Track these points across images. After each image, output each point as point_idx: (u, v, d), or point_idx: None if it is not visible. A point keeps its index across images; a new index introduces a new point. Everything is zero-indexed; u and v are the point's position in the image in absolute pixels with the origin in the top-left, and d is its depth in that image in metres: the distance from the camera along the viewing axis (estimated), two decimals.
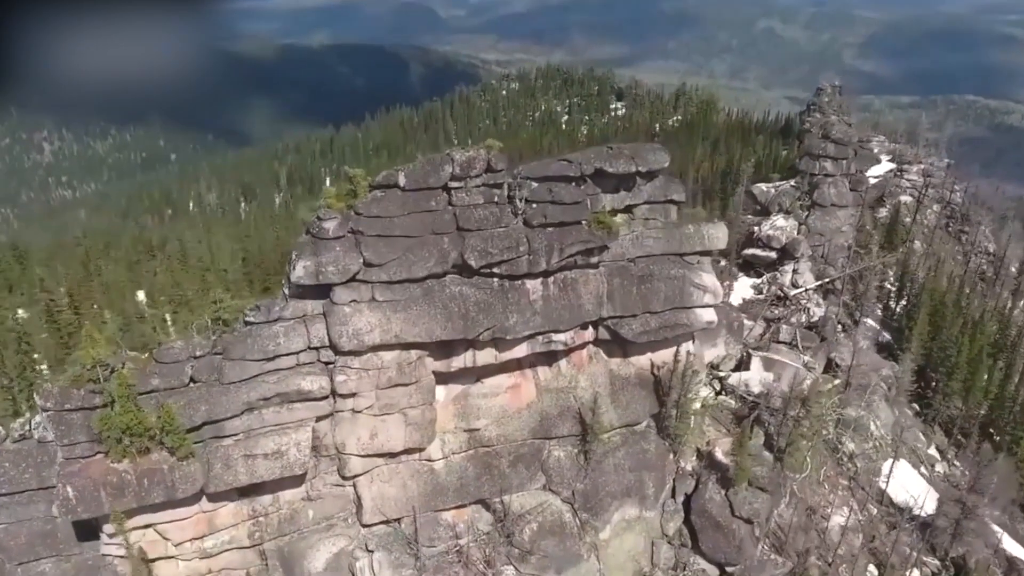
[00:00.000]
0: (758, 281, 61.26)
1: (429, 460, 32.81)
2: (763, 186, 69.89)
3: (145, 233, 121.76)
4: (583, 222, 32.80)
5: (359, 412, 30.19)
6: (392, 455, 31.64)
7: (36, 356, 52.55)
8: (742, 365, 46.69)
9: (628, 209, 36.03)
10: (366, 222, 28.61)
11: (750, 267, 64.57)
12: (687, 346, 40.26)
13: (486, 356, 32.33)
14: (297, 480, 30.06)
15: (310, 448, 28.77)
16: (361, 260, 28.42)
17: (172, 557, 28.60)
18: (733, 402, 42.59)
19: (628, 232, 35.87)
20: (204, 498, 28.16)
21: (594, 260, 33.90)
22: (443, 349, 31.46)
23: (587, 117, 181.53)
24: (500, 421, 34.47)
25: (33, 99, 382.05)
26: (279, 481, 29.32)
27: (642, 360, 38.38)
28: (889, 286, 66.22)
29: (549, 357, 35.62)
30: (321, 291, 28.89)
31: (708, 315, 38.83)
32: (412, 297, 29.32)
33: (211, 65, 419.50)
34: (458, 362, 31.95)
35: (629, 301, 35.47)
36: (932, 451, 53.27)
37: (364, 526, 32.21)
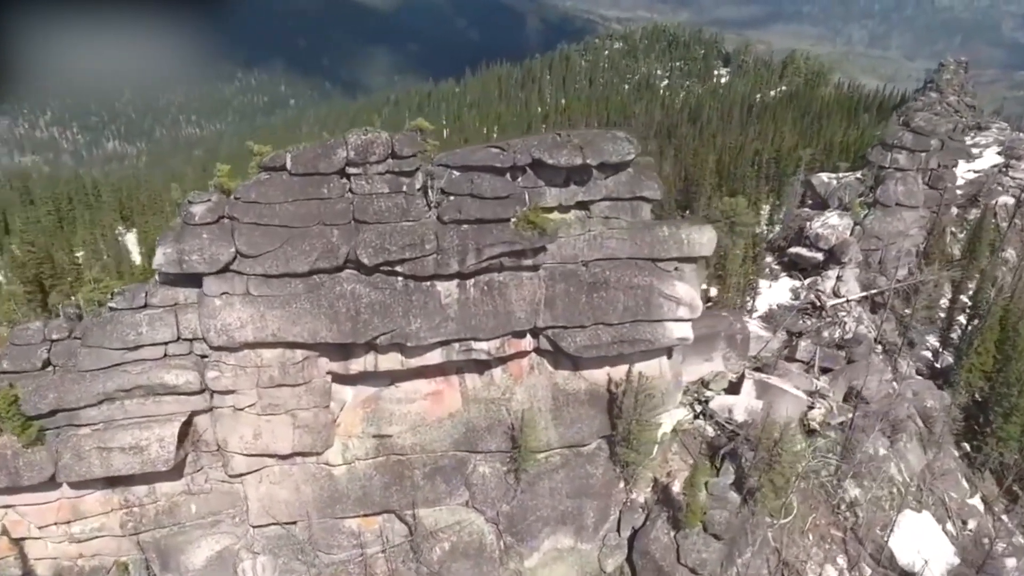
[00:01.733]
0: (798, 285, 54.63)
1: (328, 464, 30.39)
2: (824, 176, 62.21)
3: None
4: (511, 219, 28.77)
5: (241, 410, 28.05)
6: (283, 456, 29.44)
7: None
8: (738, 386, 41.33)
9: (584, 205, 31.57)
10: (242, 207, 25.94)
11: (795, 267, 57.82)
12: (657, 362, 35.70)
13: (390, 361, 29.28)
14: (174, 473, 28.43)
15: (175, 445, 26.91)
16: (233, 250, 25.86)
17: (41, 538, 27.83)
18: (711, 429, 37.60)
19: (582, 232, 31.52)
20: (66, 484, 27.06)
21: (528, 262, 29.88)
22: (340, 350, 28.67)
23: (687, 83, 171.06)
24: (417, 429, 31.50)
25: (172, 41, 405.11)
26: (153, 473, 27.78)
27: (597, 375, 34.17)
28: (966, 301, 57.52)
29: (481, 364, 32.14)
30: (196, 279, 26.64)
31: (680, 331, 34.00)
32: (293, 293, 26.55)
33: (335, 12, 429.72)
34: (357, 365, 29.10)
35: (575, 310, 31.29)
36: (975, 501, 46.02)
37: (254, 527, 30.37)
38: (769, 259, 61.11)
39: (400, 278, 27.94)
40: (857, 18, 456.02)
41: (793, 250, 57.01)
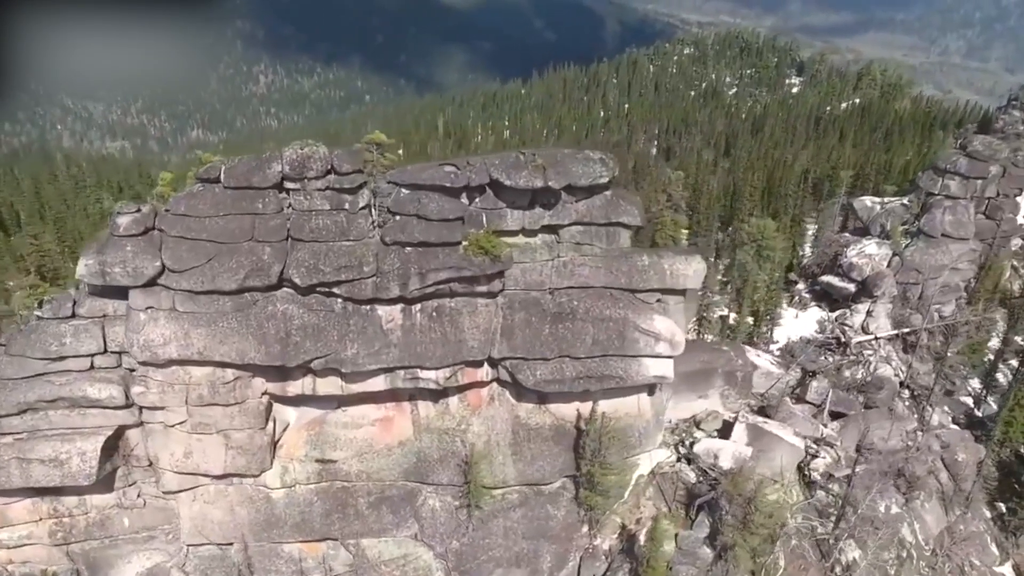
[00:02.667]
0: (825, 317, 50.67)
1: (266, 487, 29.24)
2: (868, 200, 57.69)
3: None
4: (461, 243, 26.91)
5: (172, 427, 27.16)
6: (217, 476, 28.43)
7: None
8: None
9: (554, 230, 29.41)
10: (171, 220, 24.94)
11: (827, 297, 53.77)
12: (636, 399, 33.21)
13: (329, 386, 27.87)
14: (103, 486, 27.80)
15: (98, 459, 26.18)
16: (159, 263, 24.90)
17: None
18: (692, 475, 34.73)
19: (550, 258, 29.40)
20: None
21: (482, 289, 27.96)
22: (276, 371, 27.42)
23: (753, 91, 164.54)
24: (363, 456, 30.03)
25: (258, 34, 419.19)
26: (82, 485, 27.18)
27: (564, 410, 31.94)
28: (1022, 343, 52.34)
29: (436, 392, 30.37)
30: (125, 291, 25.81)
31: (658, 368, 31.46)
32: (220, 311, 25.43)
33: (415, 10, 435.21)
34: (294, 388, 27.81)
35: (536, 341, 29.20)
36: (1005, 569, 41.71)
37: (188, 545, 29.51)
38: (801, 286, 57.22)
39: (339, 300, 26.50)
40: (955, 27, 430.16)
41: (825, 278, 53.02)
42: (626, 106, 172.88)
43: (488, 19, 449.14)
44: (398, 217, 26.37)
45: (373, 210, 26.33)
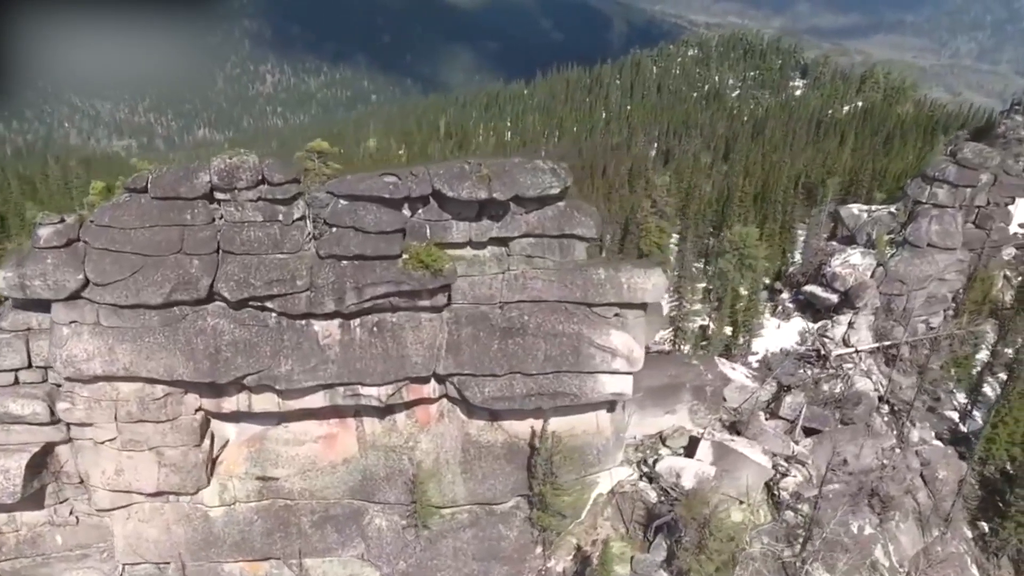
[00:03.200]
0: (807, 328, 49.39)
1: (203, 505, 28.34)
2: (855, 208, 56.35)
3: None
4: (400, 256, 25.91)
5: (102, 443, 26.29)
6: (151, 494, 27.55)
7: None
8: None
9: (504, 242, 28.38)
10: (95, 232, 24.05)
11: (811, 308, 52.47)
12: (594, 416, 32.14)
13: (265, 402, 26.92)
14: (33, 503, 26.98)
15: (22, 477, 25.34)
16: (82, 276, 24.03)
17: None
18: (654, 494, 33.59)
19: (500, 271, 28.38)
20: None
21: (425, 303, 26.96)
22: (210, 387, 26.50)
23: (756, 94, 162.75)
24: (306, 473, 29.10)
25: (265, 33, 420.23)
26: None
27: (518, 427, 30.88)
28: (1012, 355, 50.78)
29: (382, 408, 29.39)
30: (49, 304, 24.96)
31: (616, 385, 30.39)
32: (147, 326, 24.52)
33: (421, 10, 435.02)
34: (229, 404, 26.88)
35: (485, 357, 28.18)
36: None
37: (123, 564, 28.65)
38: (785, 295, 55.94)
39: (273, 315, 25.56)
40: (966, 29, 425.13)
41: (808, 288, 51.74)
42: (628, 108, 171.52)
43: (494, 19, 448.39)
44: (335, 229, 25.39)
45: (308, 222, 25.36)
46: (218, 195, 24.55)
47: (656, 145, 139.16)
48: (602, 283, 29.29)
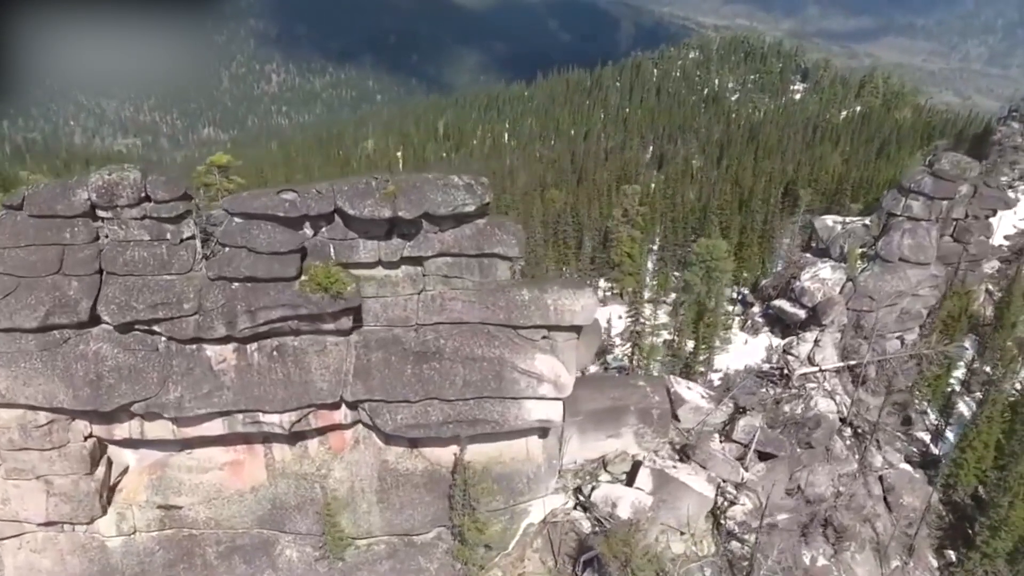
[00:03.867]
0: (773, 344, 47.71)
1: (100, 535, 27.00)
2: (829, 220, 54.42)
3: None
4: (297, 278, 24.46)
5: None
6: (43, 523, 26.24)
7: None
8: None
9: (419, 261, 26.89)
10: None
11: (780, 323, 50.73)
12: (524, 443, 30.61)
13: (159, 430, 25.52)
14: None
15: None
16: None
17: None
18: (587, 524, 31.98)
19: (414, 292, 26.91)
20: None
21: (329, 326, 25.51)
22: (99, 414, 25.13)
23: (755, 97, 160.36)
24: (211, 502, 27.69)
25: (271, 32, 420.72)
26: None
27: (439, 454, 29.38)
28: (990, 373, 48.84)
29: (293, 434, 27.96)
30: None
31: (543, 411, 28.85)
32: (23, 351, 23.17)
33: (427, 10, 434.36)
34: (120, 431, 25.50)
35: (398, 383, 26.68)
36: None
37: None
38: (756, 309, 54.20)
39: (162, 339, 24.18)
40: (977, 33, 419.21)
41: (777, 303, 50.01)
42: (626, 110, 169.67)
43: (502, 20, 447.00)
44: (226, 249, 23.97)
45: (198, 241, 23.95)
46: (101, 213, 23.17)
47: (651, 149, 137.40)
48: (526, 304, 27.76)
